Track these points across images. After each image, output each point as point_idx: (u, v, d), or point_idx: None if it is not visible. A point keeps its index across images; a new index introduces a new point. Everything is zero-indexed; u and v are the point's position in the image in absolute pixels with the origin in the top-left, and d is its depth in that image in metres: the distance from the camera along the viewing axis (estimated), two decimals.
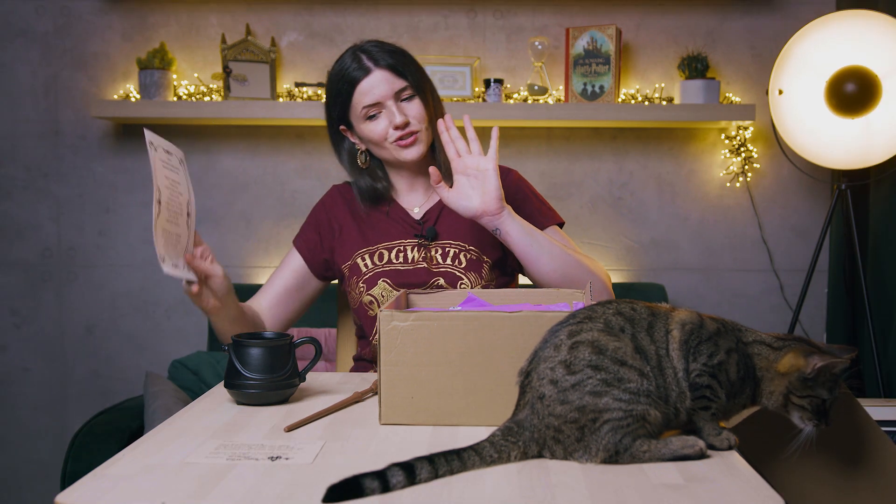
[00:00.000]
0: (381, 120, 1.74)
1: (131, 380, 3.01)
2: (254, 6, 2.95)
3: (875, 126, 2.50)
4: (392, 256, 1.79)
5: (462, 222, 1.79)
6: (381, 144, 1.75)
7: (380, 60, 1.73)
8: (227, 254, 3.00)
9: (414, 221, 1.83)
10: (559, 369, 1.09)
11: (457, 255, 1.78)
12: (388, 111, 1.73)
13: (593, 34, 2.82)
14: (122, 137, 2.99)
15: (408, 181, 1.86)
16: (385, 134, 1.74)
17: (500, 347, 1.24)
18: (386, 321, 1.26)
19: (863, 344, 2.77)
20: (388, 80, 1.72)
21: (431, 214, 1.84)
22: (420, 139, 1.75)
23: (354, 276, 1.80)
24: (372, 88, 1.72)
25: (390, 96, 1.72)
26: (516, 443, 1.09)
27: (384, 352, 1.26)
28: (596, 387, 1.07)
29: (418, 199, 1.86)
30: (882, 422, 2.20)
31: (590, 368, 1.08)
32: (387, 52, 1.74)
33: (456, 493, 0.98)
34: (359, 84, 1.72)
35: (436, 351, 1.25)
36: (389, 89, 1.72)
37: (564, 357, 1.10)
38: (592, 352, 1.09)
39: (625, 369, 1.08)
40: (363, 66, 1.73)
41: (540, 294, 1.56)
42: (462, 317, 1.25)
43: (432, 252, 1.79)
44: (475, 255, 1.78)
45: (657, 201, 3.00)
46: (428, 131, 1.77)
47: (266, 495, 0.97)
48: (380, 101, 1.72)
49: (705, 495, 0.97)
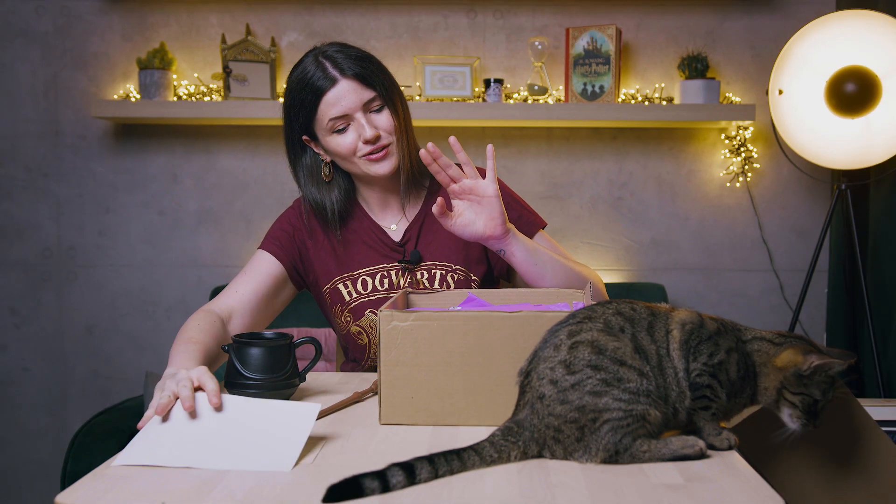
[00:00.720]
0: (349, 133, 1.63)
1: (131, 380, 3.01)
2: (254, 6, 2.95)
3: (875, 126, 2.50)
4: (377, 283, 1.71)
5: (444, 240, 1.72)
6: (350, 159, 1.65)
7: (346, 69, 1.62)
8: (227, 254, 3.00)
9: (394, 244, 1.74)
10: (559, 369, 1.09)
11: (444, 278, 1.71)
12: (356, 124, 1.63)
13: (593, 34, 2.82)
14: (122, 137, 2.99)
15: (380, 196, 1.75)
16: (354, 148, 1.64)
17: (500, 347, 1.24)
18: (386, 321, 1.26)
19: (863, 344, 2.77)
20: (355, 90, 1.61)
21: (411, 234, 1.74)
22: (391, 152, 1.66)
23: (338, 304, 1.72)
24: (339, 100, 1.61)
25: (359, 108, 1.62)
26: (516, 443, 1.09)
27: (384, 352, 1.26)
28: (596, 387, 1.07)
29: (393, 215, 1.77)
30: (882, 422, 2.20)
31: (589, 368, 1.08)
32: (352, 60, 1.63)
33: (456, 493, 0.98)
34: (324, 95, 1.61)
35: (436, 351, 1.25)
36: (358, 100, 1.62)
37: (564, 357, 1.10)
38: (592, 352, 1.09)
39: (624, 369, 1.08)
40: (328, 74, 1.62)
41: (540, 294, 1.56)
42: (462, 317, 1.25)
43: (418, 276, 1.71)
44: (462, 275, 1.72)
45: (657, 201, 3.00)
46: (399, 142, 1.67)
47: (266, 495, 0.97)
48: (347, 114, 1.62)
49: (705, 495, 0.97)
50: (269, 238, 1.75)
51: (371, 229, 1.75)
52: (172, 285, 3.01)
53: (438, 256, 1.73)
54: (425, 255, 1.73)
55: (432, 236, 1.74)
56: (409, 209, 1.77)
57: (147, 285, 3.01)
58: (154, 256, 3.00)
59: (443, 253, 1.73)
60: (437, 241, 1.73)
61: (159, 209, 2.99)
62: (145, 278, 3.01)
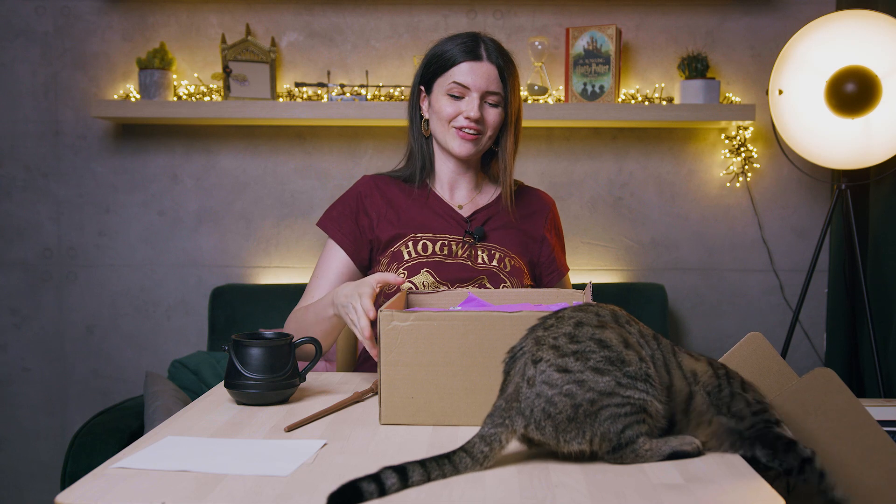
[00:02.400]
0: (459, 103, 1.75)
1: (131, 380, 3.01)
2: (254, 6, 2.95)
3: (875, 126, 2.50)
4: (437, 248, 1.77)
5: (509, 232, 1.82)
6: (444, 124, 1.77)
7: (493, 57, 1.75)
8: (227, 254, 3.00)
9: (461, 218, 1.83)
10: (562, 339, 1.05)
11: (502, 259, 1.78)
12: (469, 100, 1.74)
13: (593, 34, 2.82)
14: (122, 137, 2.99)
15: (451, 174, 1.86)
16: (454, 116, 1.75)
17: (500, 347, 1.24)
18: (386, 321, 1.26)
19: (863, 344, 2.77)
20: (490, 76, 1.74)
21: (479, 216, 1.84)
22: (479, 142, 1.78)
23: (395, 263, 1.76)
24: (472, 72, 1.73)
25: (482, 90, 1.74)
26: (503, 422, 1.04)
27: (384, 352, 1.26)
28: (599, 363, 1.03)
29: (461, 196, 1.87)
30: (882, 422, 2.20)
31: (594, 342, 1.06)
32: (502, 56, 1.77)
33: (457, 493, 0.98)
34: (465, 62, 1.74)
35: (436, 351, 1.25)
36: (485, 84, 1.74)
37: (568, 330, 1.07)
38: (597, 328, 1.07)
39: (629, 351, 1.07)
40: (478, 51, 1.75)
41: (540, 294, 1.56)
42: (462, 317, 1.25)
43: (479, 251, 1.78)
44: (517, 264, 1.79)
45: (657, 201, 3.00)
46: (490, 140, 1.80)
47: (266, 495, 0.97)
48: (470, 87, 1.74)
49: (705, 495, 0.97)
50: (332, 226, 1.82)
51: (440, 207, 1.84)
52: (172, 285, 3.01)
53: (500, 242, 1.81)
54: (488, 238, 1.81)
55: (499, 225, 1.82)
56: (479, 196, 1.87)
57: (147, 285, 3.01)
58: (154, 256, 3.00)
59: (505, 241, 1.81)
60: (503, 232, 1.82)
61: (159, 209, 2.99)
62: (145, 278, 3.01)
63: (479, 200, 1.87)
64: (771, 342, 1.52)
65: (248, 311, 2.82)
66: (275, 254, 3.00)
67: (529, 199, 1.91)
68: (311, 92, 2.87)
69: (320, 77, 2.94)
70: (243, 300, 2.84)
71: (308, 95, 2.87)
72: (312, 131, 2.98)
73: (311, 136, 2.98)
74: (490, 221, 1.83)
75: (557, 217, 1.95)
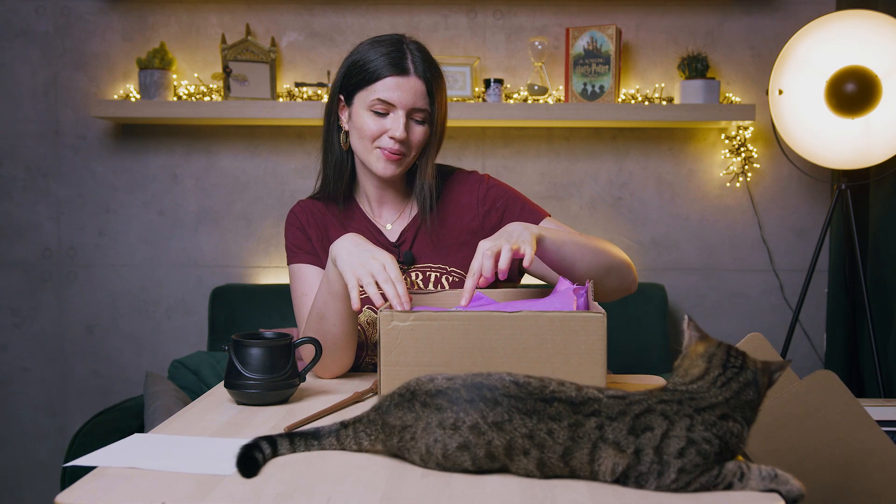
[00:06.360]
0: (384, 121, 1.63)
1: (131, 380, 3.01)
2: (254, 6, 2.95)
3: (875, 126, 2.50)
4: None
5: (441, 244, 1.71)
6: (367, 142, 1.65)
7: (420, 70, 1.63)
8: (226, 254, 3.00)
9: (388, 242, 1.72)
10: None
11: (438, 280, 1.69)
12: (394, 118, 1.62)
13: (593, 34, 2.82)
14: (122, 137, 2.99)
15: (376, 189, 1.74)
16: (378, 135, 1.63)
17: (500, 347, 1.24)
18: (386, 321, 1.26)
19: (863, 344, 2.77)
20: (416, 91, 1.62)
21: (407, 235, 1.73)
22: (403, 162, 1.66)
23: None
24: (398, 88, 1.61)
25: (408, 107, 1.62)
26: (370, 435, 1.09)
27: (384, 352, 1.26)
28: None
29: (388, 213, 1.76)
30: (882, 422, 2.20)
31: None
32: (430, 68, 1.65)
33: (457, 493, 0.98)
34: (389, 77, 1.61)
35: (436, 351, 1.25)
36: (412, 101, 1.62)
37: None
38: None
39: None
40: (404, 63, 1.62)
41: (542, 294, 1.56)
42: (462, 317, 1.25)
43: (412, 277, 1.69)
44: (458, 277, 1.70)
45: (657, 201, 3.00)
46: (415, 158, 1.68)
47: (266, 495, 0.97)
48: (395, 105, 1.62)
49: (705, 495, 0.97)
50: (293, 250, 1.73)
51: (367, 228, 1.74)
52: (172, 285, 3.01)
53: (434, 259, 1.71)
54: (421, 258, 1.71)
55: (428, 241, 1.72)
56: (406, 210, 1.77)
57: (147, 285, 3.01)
58: (154, 256, 3.00)
59: (439, 256, 1.71)
60: (434, 246, 1.72)
61: (159, 209, 2.99)
62: (145, 278, 3.01)
63: (408, 212, 1.76)
64: (771, 342, 1.52)
65: (248, 311, 2.82)
66: (275, 254, 3.00)
67: (459, 190, 1.76)
68: (311, 92, 2.87)
69: (320, 77, 2.94)
70: (243, 300, 2.85)
71: (308, 95, 2.87)
72: (312, 131, 2.98)
73: (311, 136, 2.98)
74: (420, 237, 1.72)
75: (494, 186, 1.75)
